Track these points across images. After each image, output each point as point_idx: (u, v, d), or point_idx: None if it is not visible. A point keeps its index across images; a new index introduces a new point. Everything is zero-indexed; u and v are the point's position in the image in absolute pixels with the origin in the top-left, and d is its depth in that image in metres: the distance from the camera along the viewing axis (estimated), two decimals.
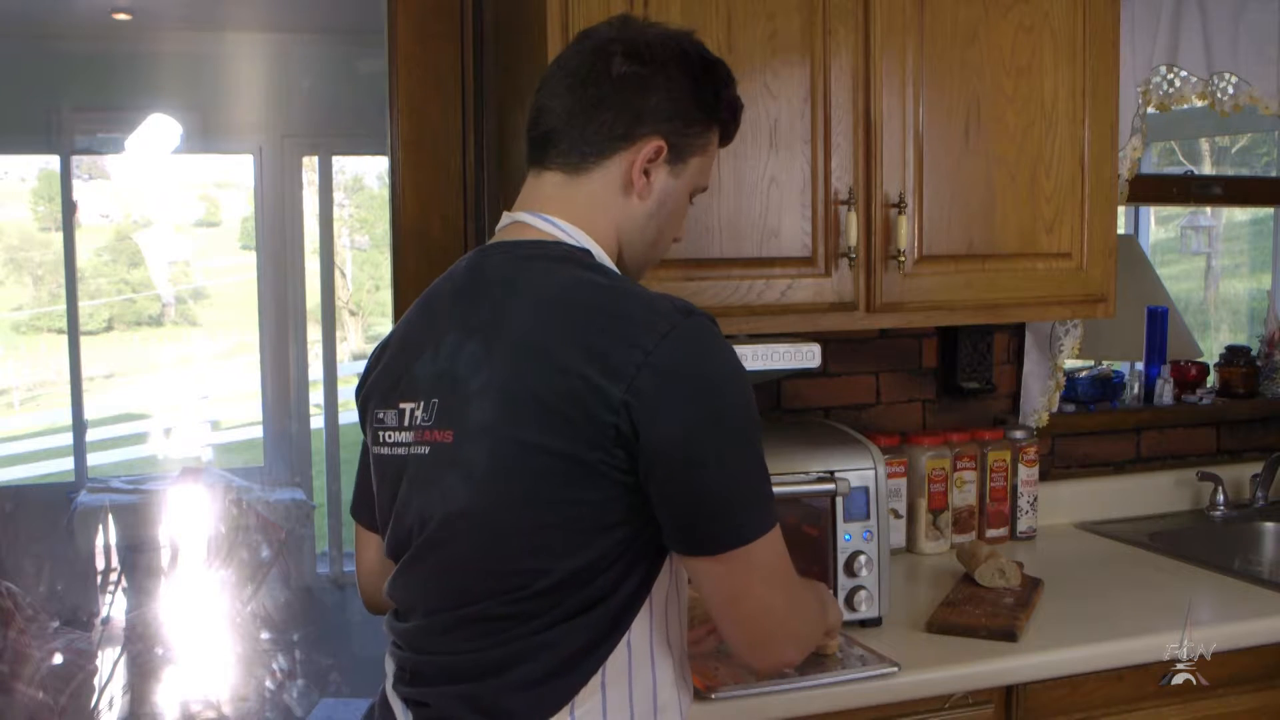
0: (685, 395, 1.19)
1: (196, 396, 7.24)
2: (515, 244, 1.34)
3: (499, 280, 1.30)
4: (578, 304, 1.25)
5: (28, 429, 7.73)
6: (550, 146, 1.35)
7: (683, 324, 1.21)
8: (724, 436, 1.21)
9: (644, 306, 1.23)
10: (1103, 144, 2.21)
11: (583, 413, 1.19)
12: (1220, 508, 2.74)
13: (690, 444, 1.19)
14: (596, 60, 1.34)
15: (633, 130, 1.33)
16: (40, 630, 3.97)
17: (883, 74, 2.04)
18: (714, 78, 1.39)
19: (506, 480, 1.24)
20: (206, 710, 4.14)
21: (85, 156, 6.63)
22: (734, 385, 1.24)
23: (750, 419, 1.25)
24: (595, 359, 1.19)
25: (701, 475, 1.20)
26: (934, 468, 2.45)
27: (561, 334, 1.22)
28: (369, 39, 3.31)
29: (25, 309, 7.99)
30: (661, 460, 1.19)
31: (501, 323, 1.27)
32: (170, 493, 5.18)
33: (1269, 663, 2.04)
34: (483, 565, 1.26)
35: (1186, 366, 2.98)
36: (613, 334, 1.21)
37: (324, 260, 6.28)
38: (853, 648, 1.84)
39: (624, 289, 1.27)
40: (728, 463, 1.21)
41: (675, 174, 1.38)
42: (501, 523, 1.25)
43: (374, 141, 2.79)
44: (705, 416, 1.20)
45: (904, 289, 2.08)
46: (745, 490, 1.23)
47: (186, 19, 5.39)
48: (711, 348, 1.23)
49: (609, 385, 1.18)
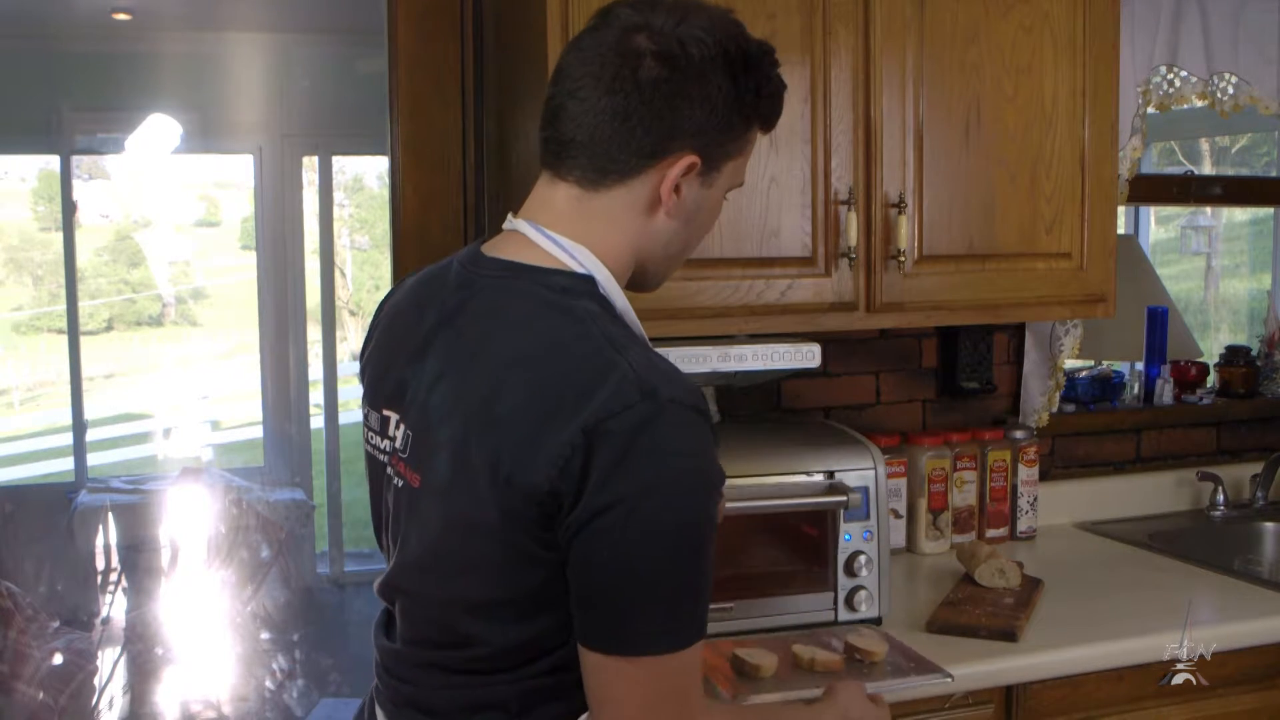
0: (613, 482, 1.06)
1: (196, 396, 7.25)
2: (511, 270, 1.21)
3: (481, 314, 1.21)
4: (538, 363, 1.13)
5: (28, 429, 7.74)
6: (567, 156, 1.21)
7: (638, 407, 1.07)
8: (645, 534, 1.07)
9: (605, 379, 1.09)
10: (1103, 144, 2.21)
11: (515, 494, 1.10)
12: (1220, 508, 2.74)
13: (604, 535, 1.07)
14: (623, 63, 1.17)
15: (663, 147, 1.19)
16: (40, 630, 3.97)
17: (883, 74, 2.04)
18: (756, 72, 1.22)
19: (451, 549, 1.18)
20: (206, 710, 4.14)
21: (85, 156, 6.64)
22: (673, 481, 1.09)
23: (685, 520, 1.09)
24: (534, 433, 1.09)
25: (608, 569, 1.09)
26: (934, 468, 2.45)
27: (513, 402, 1.12)
28: (369, 39, 3.31)
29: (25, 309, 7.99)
30: (575, 540, 1.09)
31: (469, 372, 1.17)
32: (170, 493, 5.18)
33: (1269, 663, 2.04)
34: (439, 618, 1.22)
35: (1186, 366, 2.98)
36: (558, 407, 1.09)
37: (324, 260, 6.28)
38: (895, 656, 1.76)
39: (595, 354, 1.12)
40: (640, 564, 1.08)
41: (708, 184, 1.24)
42: (449, 586, 1.20)
43: (374, 141, 2.79)
44: (634, 508, 1.07)
45: (904, 289, 2.08)
46: (652, 599, 1.09)
47: (186, 19, 5.39)
48: (661, 437, 1.08)
49: (541, 468, 1.08)
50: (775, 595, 1.94)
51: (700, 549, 1.11)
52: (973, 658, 1.85)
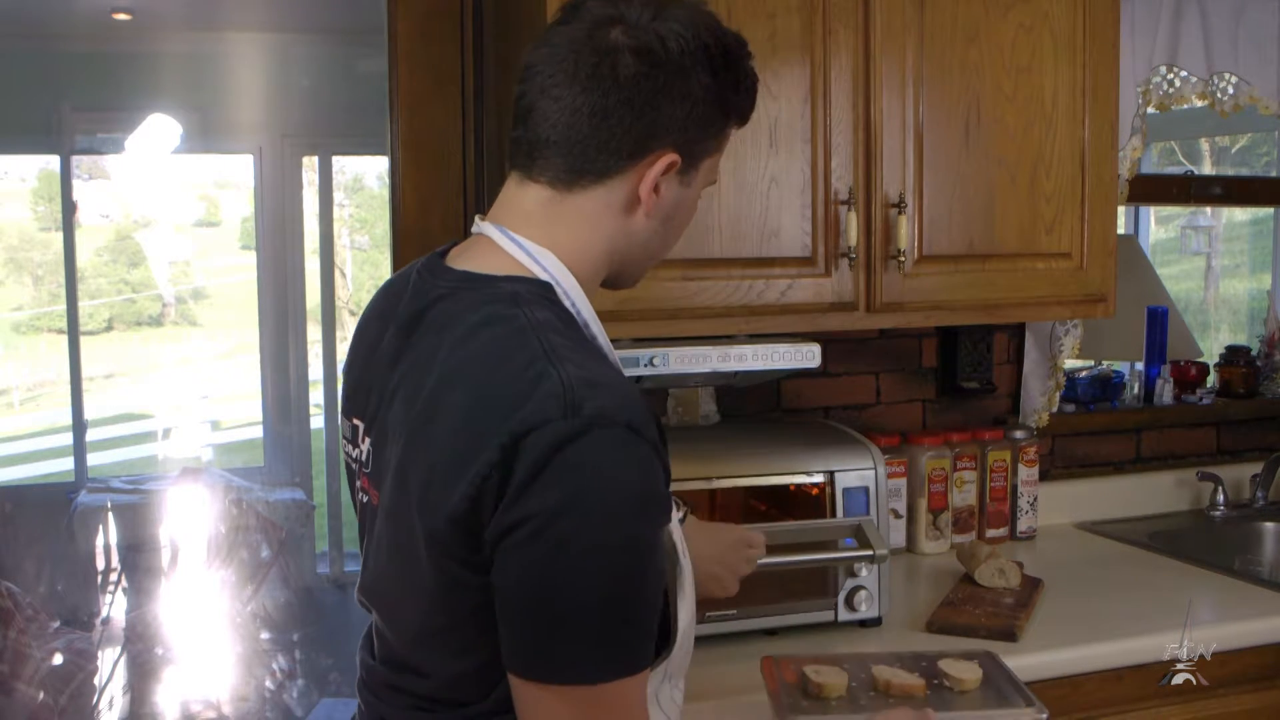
0: (528, 501, 1.00)
1: (196, 396, 7.25)
2: (466, 281, 1.16)
3: (432, 328, 1.15)
4: (472, 382, 1.07)
5: (28, 429, 7.73)
6: (540, 157, 1.16)
7: (556, 424, 1.00)
8: (563, 558, 1.00)
9: (532, 395, 1.02)
10: (1103, 144, 2.21)
11: (445, 516, 1.04)
12: (1220, 508, 2.74)
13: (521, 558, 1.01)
14: (600, 59, 1.12)
15: (642, 146, 1.15)
16: (40, 630, 3.97)
17: (883, 74, 2.04)
18: (736, 67, 1.20)
19: (396, 574, 1.14)
20: (206, 710, 4.14)
21: (85, 156, 6.63)
22: (593, 501, 1.00)
23: (612, 541, 1.01)
24: (461, 458, 1.03)
25: (527, 592, 1.02)
26: (934, 468, 2.45)
27: (445, 423, 1.07)
28: (369, 39, 3.31)
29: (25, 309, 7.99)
30: (493, 557, 1.03)
31: (417, 389, 1.12)
32: (170, 493, 5.18)
33: (1269, 663, 2.04)
34: (396, 642, 1.20)
35: (1186, 366, 2.98)
36: (485, 430, 1.02)
37: (324, 260, 6.28)
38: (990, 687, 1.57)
39: (527, 368, 1.05)
40: (562, 588, 1.01)
41: (687, 182, 1.21)
42: (398, 610, 1.18)
43: (374, 141, 2.79)
44: (543, 530, 1.00)
45: (904, 289, 2.08)
46: (579, 625, 1.02)
47: (186, 19, 5.39)
48: (581, 454, 1.00)
49: (459, 490, 1.02)
50: (775, 598, 1.94)
51: (627, 576, 1.02)
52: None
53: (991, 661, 1.63)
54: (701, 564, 1.60)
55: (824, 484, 1.95)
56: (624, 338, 1.93)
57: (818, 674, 1.56)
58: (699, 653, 1.72)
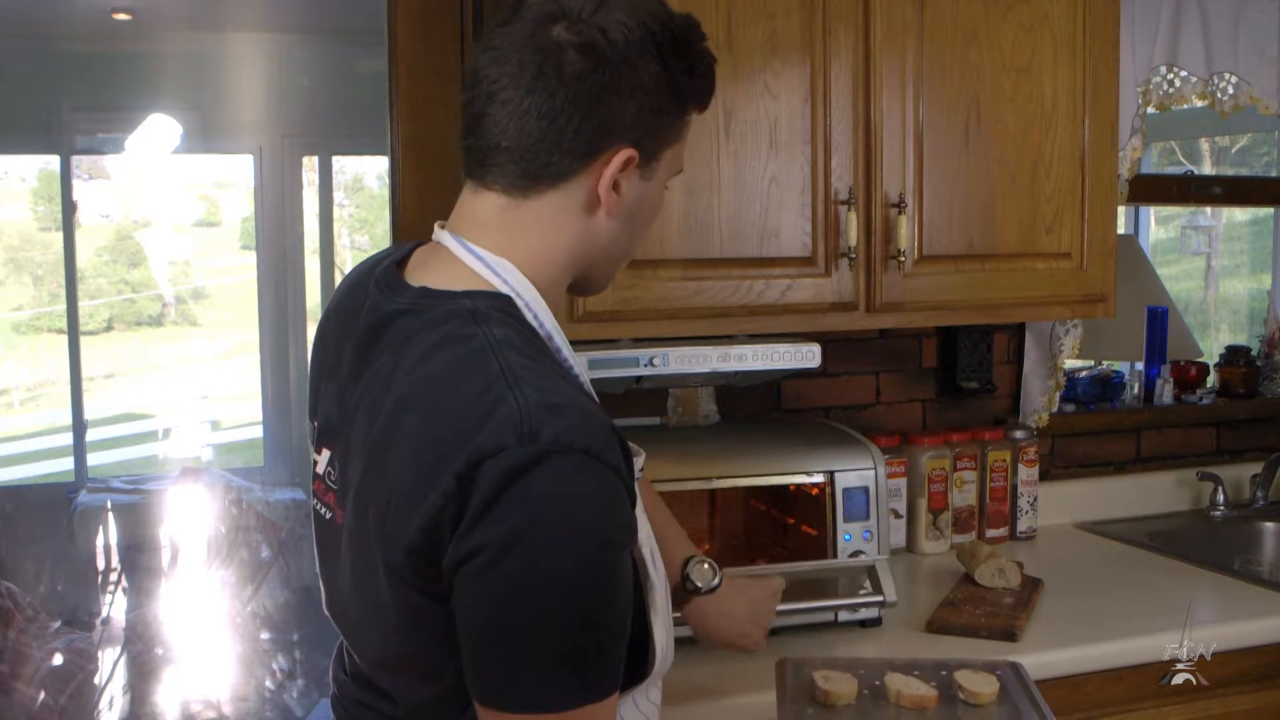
0: (482, 529, 0.97)
1: (196, 396, 7.24)
2: (423, 297, 1.13)
3: (389, 348, 1.12)
4: (425, 412, 1.04)
5: (28, 429, 7.73)
6: (493, 164, 1.13)
7: (511, 451, 0.97)
8: (521, 588, 0.98)
9: (487, 421, 1.00)
10: (1103, 144, 2.21)
11: (402, 548, 1.02)
12: (1220, 508, 2.74)
13: (479, 586, 0.99)
14: (544, 58, 1.08)
15: (597, 144, 1.11)
16: (40, 630, 3.97)
17: (883, 74, 2.04)
18: (687, 52, 1.15)
19: (360, 598, 1.12)
20: (206, 710, 4.14)
21: (85, 156, 6.62)
22: (551, 529, 0.98)
23: (569, 569, 0.98)
24: (418, 486, 1.00)
25: (486, 621, 1.00)
26: (934, 468, 2.45)
27: (401, 452, 1.04)
28: (369, 39, 3.31)
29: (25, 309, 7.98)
30: (451, 585, 1.01)
31: (375, 412, 1.09)
32: (170, 493, 5.18)
33: (1269, 663, 2.04)
34: (363, 661, 1.19)
35: (1186, 366, 2.98)
36: (443, 459, 0.99)
37: (324, 260, 6.28)
38: (1008, 702, 1.53)
39: (484, 392, 1.02)
40: (519, 617, 0.98)
41: (648, 175, 1.17)
42: (362, 635, 1.16)
43: (374, 141, 2.79)
44: (500, 557, 0.97)
45: (904, 289, 2.08)
46: (539, 654, 0.99)
47: (186, 19, 5.39)
48: (535, 483, 0.98)
49: (414, 518, 1.00)
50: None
51: (588, 603, 1.00)
52: (973, 658, 1.85)
53: (1013, 674, 1.59)
54: (734, 624, 1.62)
55: (824, 484, 1.94)
56: (624, 338, 1.93)
57: (826, 680, 1.53)
58: (697, 651, 1.72)
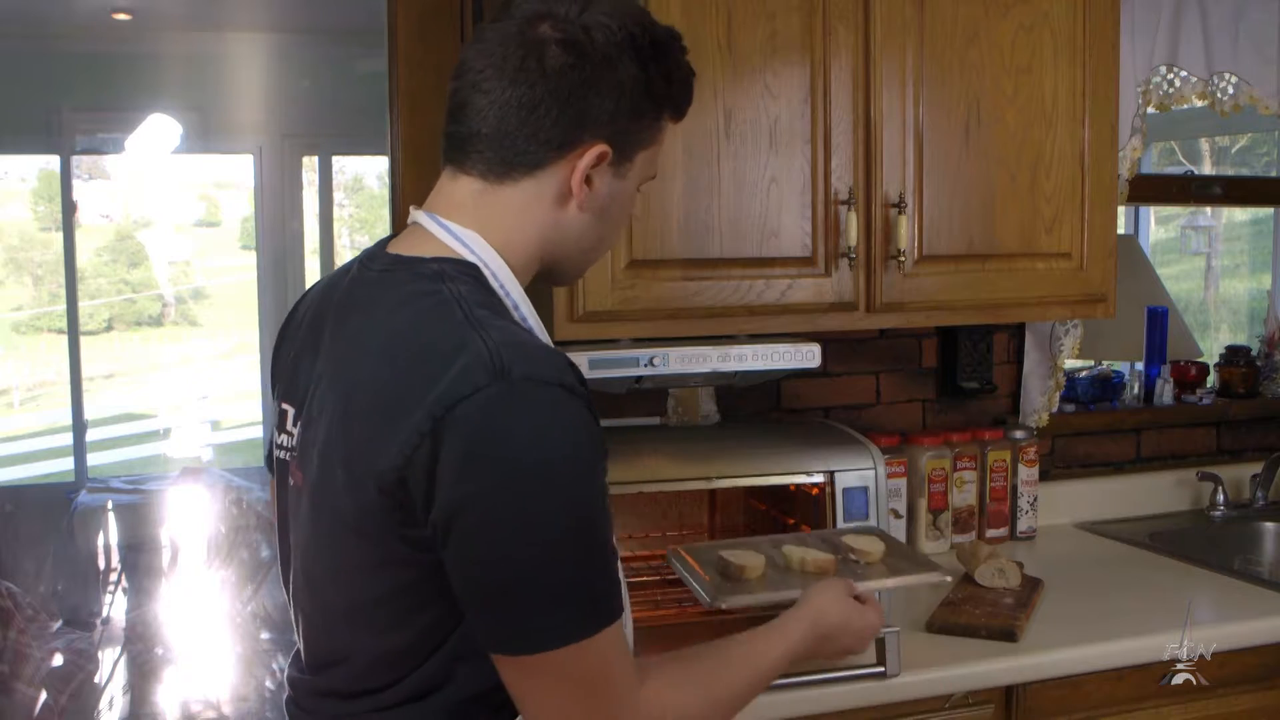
0: (465, 473, 1.01)
1: (196, 396, 7.24)
2: (395, 263, 1.19)
3: (359, 303, 1.18)
4: (393, 353, 1.09)
5: (28, 429, 7.73)
6: (472, 150, 1.18)
7: (487, 389, 1.01)
8: (510, 527, 1.01)
9: (457, 363, 1.03)
10: (1103, 144, 2.21)
11: (366, 489, 1.06)
12: (1220, 508, 2.74)
13: (467, 531, 1.02)
14: (527, 52, 1.14)
15: (572, 137, 1.16)
16: (40, 630, 3.97)
17: (883, 74, 2.04)
18: (665, 59, 1.20)
19: (323, 550, 1.15)
20: (206, 710, 4.14)
21: (85, 156, 6.62)
22: (534, 464, 1.01)
23: (558, 505, 1.02)
24: (382, 425, 1.05)
25: (480, 568, 1.03)
26: (934, 468, 2.45)
27: (367, 396, 1.09)
28: (369, 39, 3.31)
29: (25, 309, 7.98)
30: (445, 542, 1.04)
31: (341, 369, 1.15)
32: (170, 493, 5.17)
33: (1269, 663, 2.04)
34: (322, 629, 1.20)
35: (1186, 366, 2.98)
36: (410, 397, 1.04)
37: (324, 260, 6.28)
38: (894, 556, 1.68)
39: (450, 337, 1.07)
40: (515, 559, 1.02)
41: (621, 175, 1.21)
42: (324, 590, 1.18)
43: (374, 141, 2.79)
44: (485, 501, 1.01)
45: (904, 289, 2.08)
46: (540, 593, 1.03)
47: (186, 19, 5.39)
48: (514, 419, 1.01)
49: (388, 457, 1.03)
50: None
51: (582, 532, 1.04)
52: (972, 658, 1.86)
53: (886, 535, 1.77)
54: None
55: (824, 484, 1.94)
56: (624, 338, 1.93)
57: (736, 556, 1.61)
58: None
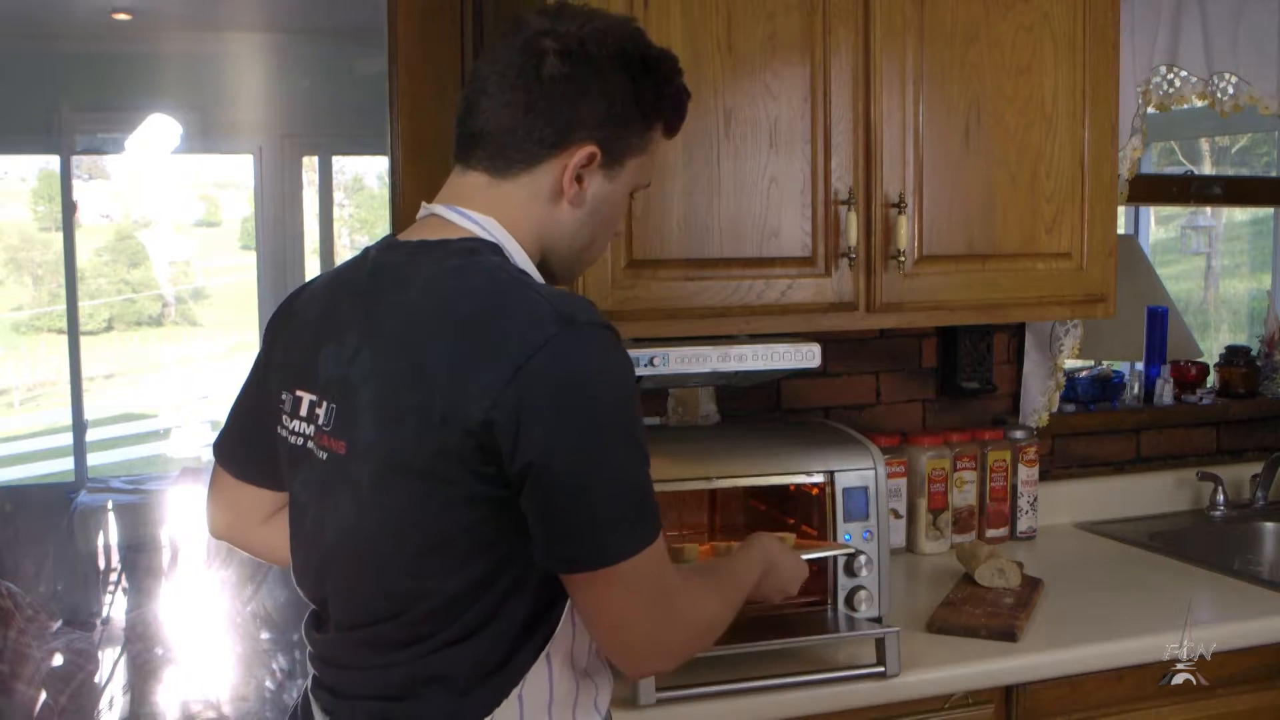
0: (551, 414, 1.14)
1: (197, 396, 7.24)
2: (421, 247, 1.29)
3: (395, 281, 1.27)
4: (456, 312, 1.20)
5: (28, 429, 7.73)
6: (477, 147, 1.31)
7: (559, 335, 1.15)
8: (591, 458, 1.16)
9: (524, 315, 1.17)
10: (1103, 144, 2.21)
11: (450, 432, 1.16)
12: (1220, 508, 2.74)
13: (553, 465, 1.14)
14: (527, 59, 1.27)
15: (563, 137, 1.28)
16: (40, 630, 3.97)
17: (883, 74, 2.04)
18: (654, 75, 1.32)
19: (385, 502, 1.22)
20: (206, 710, 4.13)
21: (85, 156, 6.62)
22: (607, 401, 1.17)
23: (623, 435, 1.18)
24: (464, 373, 1.16)
25: (565, 496, 1.16)
26: (934, 468, 2.45)
27: (435, 347, 1.19)
28: (369, 39, 3.31)
29: (25, 309, 7.98)
30: (527, 479, 1.15)
31: (387, 329, 1.24)
32: (170, 493, 5.17)
33: (1269, 663, 2.04)
34: (374, 585, 1.26)
35: (1186, 366, 2.98)
36: (483, 347, 1.16)
37: (324, 260, 6.27)
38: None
39: (508, 294, 1.20)
40: (593, 484, 1.16)
41: (611, 178, 1.33)
42: (384, 544, 1.24)
43: (374, 141, 2.79)
44: (570, 437, 1.15)
45: (904, 289, 2.08)
46: (612, 512, 1.17)
47: (186, 19, 5.38)
48: (586, 361, 1.17)
49: (475, 402, 1.14)
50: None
51: (637, 454, 1.19)
52: (972, 658, 1.86)
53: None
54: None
55: (824, 484, 1.94)
56: (624, 337, 1.92)
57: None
58: None
